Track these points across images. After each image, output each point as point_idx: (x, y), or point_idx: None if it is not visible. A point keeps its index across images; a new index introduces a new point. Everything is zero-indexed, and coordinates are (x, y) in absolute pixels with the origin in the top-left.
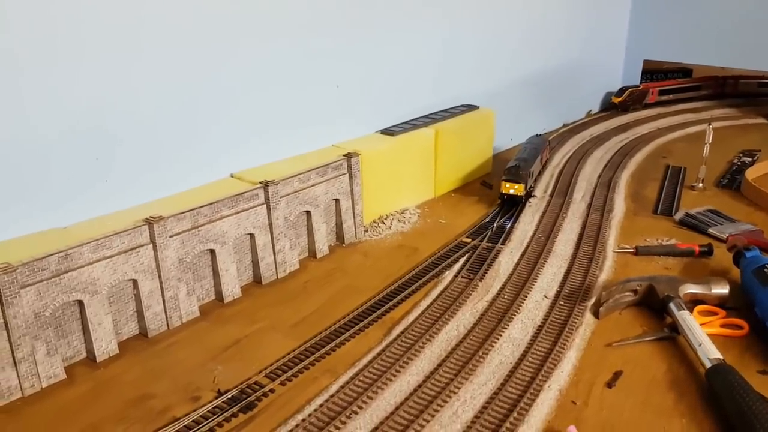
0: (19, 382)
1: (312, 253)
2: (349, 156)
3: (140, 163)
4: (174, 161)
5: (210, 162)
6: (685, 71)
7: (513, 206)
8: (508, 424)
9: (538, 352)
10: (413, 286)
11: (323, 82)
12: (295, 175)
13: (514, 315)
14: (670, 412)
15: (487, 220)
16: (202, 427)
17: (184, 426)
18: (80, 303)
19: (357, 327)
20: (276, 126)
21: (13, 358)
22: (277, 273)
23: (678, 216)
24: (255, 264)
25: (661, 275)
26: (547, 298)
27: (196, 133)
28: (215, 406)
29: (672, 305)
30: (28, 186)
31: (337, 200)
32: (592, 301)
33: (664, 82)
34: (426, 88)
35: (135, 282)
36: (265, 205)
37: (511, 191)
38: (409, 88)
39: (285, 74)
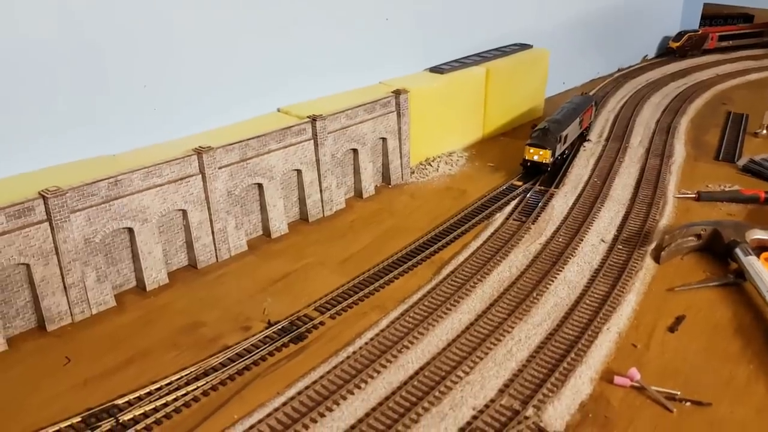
0: (69, 308)
1: (358, 193)
2: (397, 93)
3: (187, 94)
4: (221, 93)
5: (257, 95)
6: (746, 17)
7: (537, 175)
8: (565, 364)
9: (595, 295)
10: (462, 228)
11: (372, 14)
12: (343, 111)
13: (570, 258)
14: (736, 358)
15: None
16: (254, 355)
17: (236, 354)
18: (130, 231)
19: (405, 266)
20: (323, 60)
21: (63, 284)
22: (323, 211)
23: (741, 162)
24: (302, 201)
25: (727, 220)
26: (604, 242)
27: (243, 65)
28: (266, 336)
29: (738, 250)
30: (77, 110)
31: (384, 139)
32: (653, 245)
33: (725, 28)
34: (478, 25)
35: (184, 212)
36: (312, 141)
37: (535, 158)
38: (461, 24)
39: (333, 6)
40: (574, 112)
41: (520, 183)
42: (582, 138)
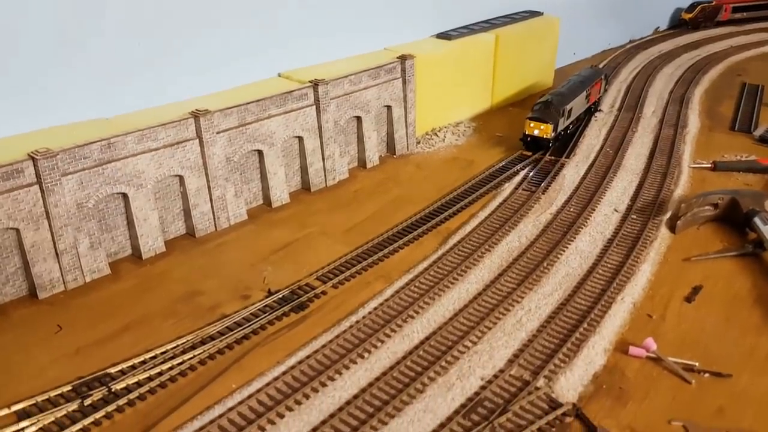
0: (62, 275)
1: (362, 163)
2: (403, 58)
3: (186, 57)
4: (221, 57)
5: (257, 59)
6: None
7: (537, 150)
8: (578, 334)
9: (608, 265)
10: (470, 198)
11: None
12: (346, 76)
13: (582, 228)
14: (757, 329)
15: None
16: (254, 324)
17: (235, 323)
18: (125, 196)
19: (411, 235)
20: (326, 25)
21: (55, 250)
22: (326, 180)
23: (758, 132)
24: (303, 169)
25: (745, 189)
26: (617, 211)
27: (243, 28)
28: (266, 305)
29: (757, 220)
30: (69, 70)
31: (389, 107)
32: (668, 215)
33: None
34: None
35: (181, 178)
36: (314, 107)
37: (536, 132)
38: None
39: None
40: (581, 85)
41: (529, 153)
42: (590, 113)
